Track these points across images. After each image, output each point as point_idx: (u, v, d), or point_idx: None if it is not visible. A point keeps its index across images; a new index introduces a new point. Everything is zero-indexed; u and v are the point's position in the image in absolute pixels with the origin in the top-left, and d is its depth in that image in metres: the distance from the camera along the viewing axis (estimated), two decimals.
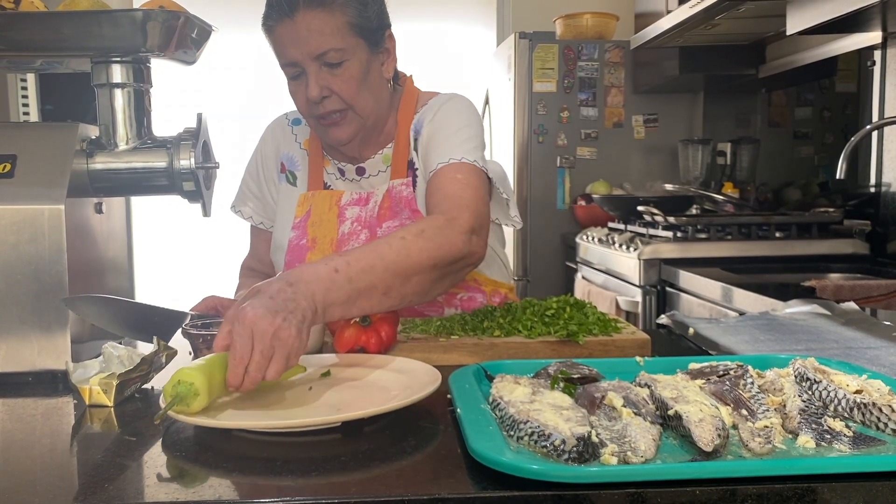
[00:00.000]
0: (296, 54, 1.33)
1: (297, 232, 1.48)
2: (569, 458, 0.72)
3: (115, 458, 0.82)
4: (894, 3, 1.91)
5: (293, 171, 1.55)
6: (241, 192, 1.61)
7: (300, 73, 1.36)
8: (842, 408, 0.85)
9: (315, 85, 1.34)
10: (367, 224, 1.45)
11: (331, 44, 1.32)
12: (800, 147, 3.34)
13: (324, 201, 1.49)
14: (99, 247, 1.25)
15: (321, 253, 1.45)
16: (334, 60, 1.33)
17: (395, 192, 1.45)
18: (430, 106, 1.48)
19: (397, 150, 1.47)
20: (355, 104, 1.38)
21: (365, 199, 1.48)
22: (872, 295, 1.83)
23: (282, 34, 1.33)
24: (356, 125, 1.41)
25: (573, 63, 3.63)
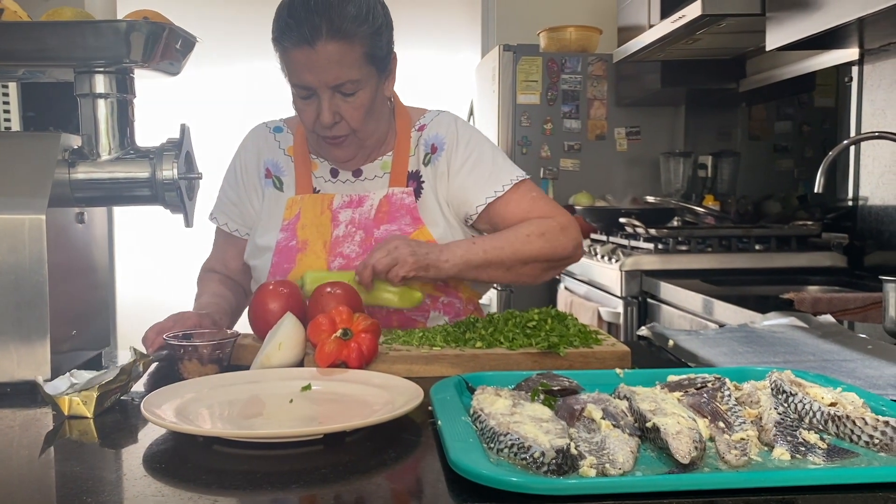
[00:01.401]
0: (312, 80, 1.37)
1: (286, 234, 1.50)
2: (548, 470, 0.73)
3: (94, 470, 0.82)
4: (871, 20, 1.94)
5: (279, 177, 1.57)
6: (219, 199, 1.63)
7: (311, 95, 1.40)
8: (816, 420, 0.86)
9: (328, 112, 1.39)
10: (362, 226, 1.49)
11: (348, 76, 1.37)
12: (780, 161, 3.38)
13: (315, 205, 1.51)
14: (80, 257, 1.24)
15: (313, 255, 1.47)
16: (349, 91, 1.39)
17: (396, 199, 1.50)
18: (440, 123, 1.56)
19: (397, 160, 1.53)
20: (359, 130, 1.44)
21: (358, 201, 1.51)
22: (849, 308, 1.85)
23: (299, 59, 1.36)
24: (357, 146, 1.48)
25: (557, 76, 3.66)
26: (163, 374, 1.20)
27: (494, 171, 1.53)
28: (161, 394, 0.99)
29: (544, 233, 1.47)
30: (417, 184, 1.52)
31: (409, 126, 1.56)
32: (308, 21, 1.33)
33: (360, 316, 1.15)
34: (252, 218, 1.59)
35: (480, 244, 1.43)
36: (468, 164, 1.53)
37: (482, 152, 1.54)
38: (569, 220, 1.53)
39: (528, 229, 1.47)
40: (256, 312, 1.27)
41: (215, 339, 1.17)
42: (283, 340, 1.14)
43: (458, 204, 1.53)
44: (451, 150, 1.53)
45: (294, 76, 1.39)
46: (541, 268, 1.49)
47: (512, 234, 1.46)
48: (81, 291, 1.25)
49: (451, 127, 1.55)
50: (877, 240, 2.42)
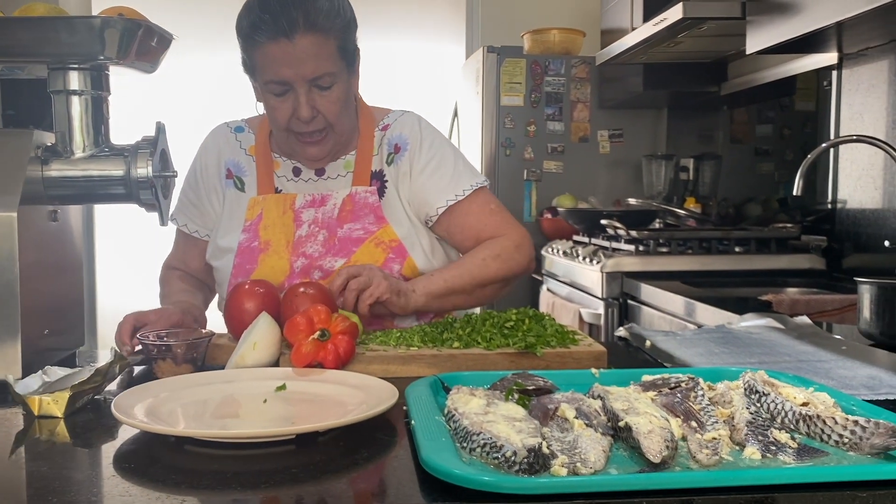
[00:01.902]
0: (289, 74, 1.36)
1: (248, 234, 1.49)
2: (519, 469, 0.73)
3: (63, 470, 0.81)
4: (848, 25, 1.96)
5: (240, 177, 1.55)
6: (179, 201, 1.61)
7: (287, 91, 1.39)
8: (788, 420, 0.86)
9: (306, 106, 1.39)
10: (325, 225, 1.49)
11: (325, 68, 1.38)
12: (761, 163, 3.40)
13: (277, 205, 1.51)
14: (53, 255, 1.23)
15: (275, 255, 1.47)
16: (325, 84, 1.39)
17: (359, 198, 1.49)
18: (403, 124, 1.55)
19: (360, 159, 1.52)
20: (336, 124, 1.44)
21: (321, 200, 1.51)
22: (827, 309, 1.87)
23: (275, 53, 1.36)
24: (332, 142, 1.48)
25: (540, 78, 3.67)
26: (140, 375, 1.19)
27: (455, 174, 1.54)
28: (133, 393, 0.98)
29: (499, 254, 1.50)
30: (381, 183, 1.52)
31: (373, 125, 1.56)
32: (285, 14, 1.33)
33: (339, 317, 1.15)
34: (212, 219, 1.57)
35: (439, 275, 1.45)
36: (431, 166, 1.53)
37: (444, 155, 1.55)
38: (521, 236, 1.55)
39: (484, 253, 1.49)
40: (232, 312, 1.26)
41: (190, 338, 1.16)
42: (258, 340, 1.14)
43: (419, 204, 1.53)
44: (413, 151, 1.53)
45: (269, 72, 1.38)
46: (498, 287, 1.53)
47: (468, 260, 1.50)
48: (55, 290, 1.23)
49: (414, 127, 1.55)
50: (854, 242, 2.44)
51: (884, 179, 2.32)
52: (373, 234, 1.47)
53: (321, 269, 1.46)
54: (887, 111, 2.30)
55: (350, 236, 1.47)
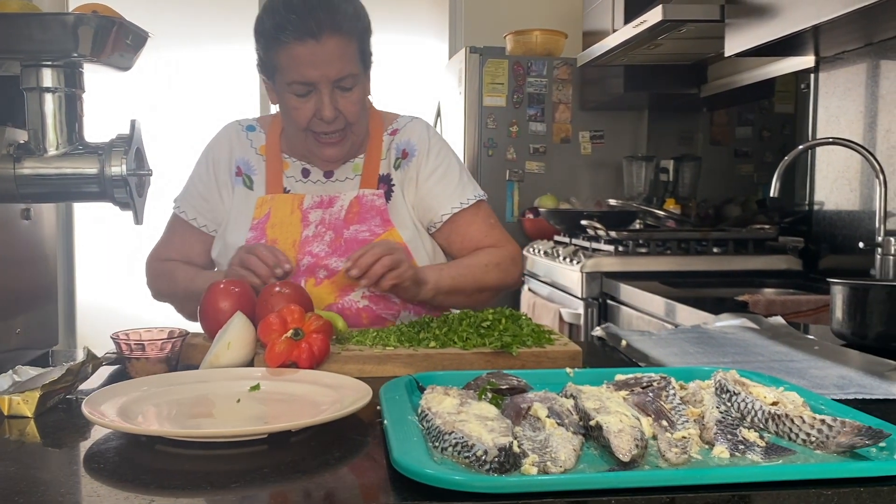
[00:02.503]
0: (315, 75, 1.39)
1: (256, 233, 1.51)
2: (490, 468, 0.73)
3: (30, 470, 0.80)
4: (825, 29, 1.98)
5: (250, 175, 1.57)
6: (188, 192, 1.61)
7: (310, 91, 1.41)
8: (757, 419, 0.87)
9: (330, 107, 1.42)
10: (331, 226, 1.50)
11: (349, 69, 1.41)
12: (740, 165, 3.43)
13: (285, 204, 1.52)
14: (26, 253, 1.22)
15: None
16: (348, 85, 1.43)
17: (367, 201, 1.52)
18: (412, 130, 1.59)
19: (369, 162, 1.56)
20: (354, 124, 1.47)
21: (328, 202, 1.53)
22: (802, 310, 1.89)
23: (301, 54, 1.38)
24: (349, 143, 1.51)
25: (522, 78, 3.68)
26: (113, 375, 1.18)
27: (461, 184, 1.58)
28: (106, 392, 0.97)
29: (499, 263, 1.55)
30: (388, 187, 1.55)
31: (382, 129, 1.59)
32: (312, 16, 1.36)
33: (312, 316, 1.15)
34: (220, 214, 1.58)
35: (447, 271, 1.49)
36: (437, 173, 1.56)
37: (451, 164, 1.59)
38: (517, 251, 1.62)
39: (486, 259, 1.54)
40: (207, 311, 1.25)
41: (164, 338, 1.15)
42: (233, 340, 1.13)
43: (424, 210, 1.56)
44: (421, 157, 1.56)
45: (293, 73, 1.40)
46: (491, 295, 1.57)
47: (472, 262, 1.53)
48: (27, 289, 1.22)
49: (423, 134, 1.59)
50: (830, 243, 2.47)
51: (859, 182, 2.34)
52: (378, 236, 1.49)
53: (326, 269, 1.48)
54: (863, 114, 2.33)
55: (356, 238, 1.49)
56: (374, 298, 1.49)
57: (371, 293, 1.48)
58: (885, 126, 2.23)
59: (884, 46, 2.23)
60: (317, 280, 1.48)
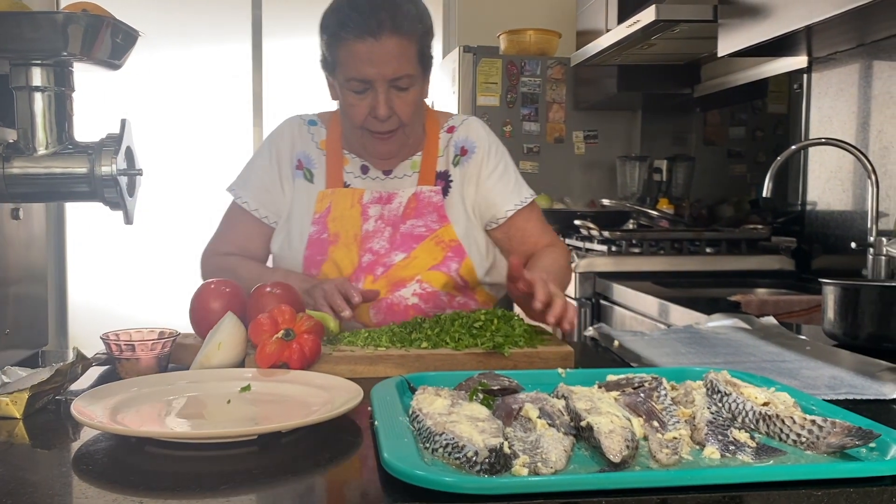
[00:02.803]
0: (372, 73, 1.41)
1: (318, 227, 1.53)
2: (480, 469, 0.73)
3: (18, 471, 0.79)
4: (817, 29, 1.99)
5: (310, 169, 1.59)
6: (249, 183, 1.61)
7: (367, 89, 1.44)
8: (748, 419, 0.87)
9: (384, 105, 1.43)
10: (390, 221, 1.53)
11: (406, 69, 1.43)
12: (733, 165, 3.44)
13: (345, 198, 1.54)
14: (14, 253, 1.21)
15: (344, 247, 1.51)
16: (404, 85, 1.44)
17: (424, 197, 1.55)
18: (469, 128, 1.61)
19: (426, 160, 1.58)
20: (408, 124, 1.49)
21: (387, 198, 1.55)
22: (794, 310, 1.89)
23: (360, 51, 1.40)
24: (401, 142, 1.53)
25: (516, 78, 3.68)
26: (103, 375, 1.17)
27: (518, 182, 1.63)
28: (95, 394, 0.97)
29: (566, 265, 1.62)
30: (445, 183, 1.58)
31: (438, 128, 1.61)
32: (373, 14, 1.38)
33: (303, 316, 1.14)
34: (281, 206, 1.59)
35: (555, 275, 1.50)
36: (498, 171, 1.60)
37: (508, 163, 1.64)
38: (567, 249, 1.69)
39: (564, 260, 1.61)
40: (197, 311, 1.25)
41: (154, 338, 1.15)
42: (224, 340, 1.13)
43: (486, 207, 1.60)
44: (482, 155, 1.59)
45: (351, 69, 1.42)
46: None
47: (554, 266, 1.55)
48: (16, 289, 1.22)
49: (481, 132, 1.62)
50: (823, 244, 2.47)
51: (852, 182, 2.35)
52: (434, 231, 1.52)
53: (385, 266, 1.50)
54: (856, 114, 2.34)
55: (412, 232, 1.52)
56: (424, 296, 1.50)
57: (423, 290, 1.50)
58: (878, 126, 2.24)
59: (876, 47, 2.23)
60: (375, 276, 1.50)
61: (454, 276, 1.51)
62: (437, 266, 1.50)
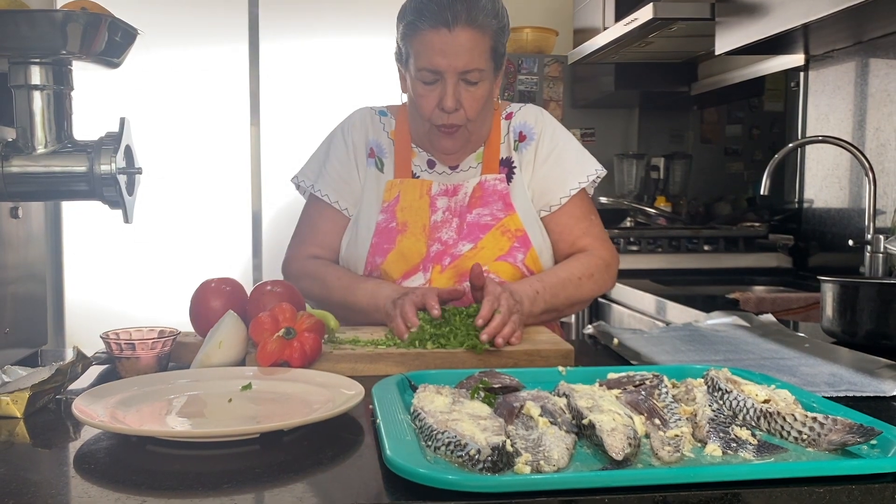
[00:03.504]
0: (443, 64, 1.41)
1: (386, 216, 1.53)
2: (483, 467, 0.73)
3: (20, 471, 0.79)
4: (814, 27, 1.99)
5: (381, 158, 1.59)
6: (324, 173, 1.59)
7: (437, 80, 1.44)
8: (749, 417, 0.87)
9: (452, 97, 1.44)
10: (457, 213, 1.53)
11: (477, 63, 1.42)
12: (730, 163, 3.45)
13: (414, 189, 1.55)
14: (14, 252, 1.21)
15: (412, 237, 1.51)
16: (474, 80, 1.44)
17: (489, 186, 1.55)
18: (528, 114, 1.59)
19: (489, 149, 1.58)
20: (474, 121, 1.49)
21: (453, 190, 1.56)
22: (792, 307, 1.89)
23: (433, 41, 1.41)
24: (465, 138, 1.53)
25: (513, 76, 3.67)
26: (103, 374, 1.17)
27: (577, 164, 1.58)
28: (96, 393, 0.97)
29: (593, 274, 1.52)
30: (509, 169, 1.57)
31: (500, 116, 1.61)
32: (449, 6, 1.40)
33: (304, 314, 1.14)
34: (359, 196, 1.58)
35: (542, 297, 1.42)
36: (553, 155, 1.57)
37: (566, 146, 1.59)
38: (611, 255, 1.58)
39: (580, 271, 1.50)
40: (198, 310, 1.25)
41: (154, 337, 1.15)
42: (224, 339, 1.13)
43: (541, 193, 1.57)
44: (539, 140, 1.58)
45: (423, 59, 1.43)
46: (584, 306, 1.59)
47: (565, 277, 1.48)
48: (15, 288, 1.21)
49: (539, 117, 1.60)
50: (820, 241, 2.48)
51: (849, 180, 2.36)
52: (500, 220, 1.52)
53: (452, 256, 1.50)
54: (852, 112, 2.34)
55: (478, 222, 1.52)
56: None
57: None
58: (875, 124, 2.24)
59: (873, 45, 2.24)
60: (442, 267, 1.50)
61: (520, 266, 1.50)
62: (504, 257, 1.50)
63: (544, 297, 1.43)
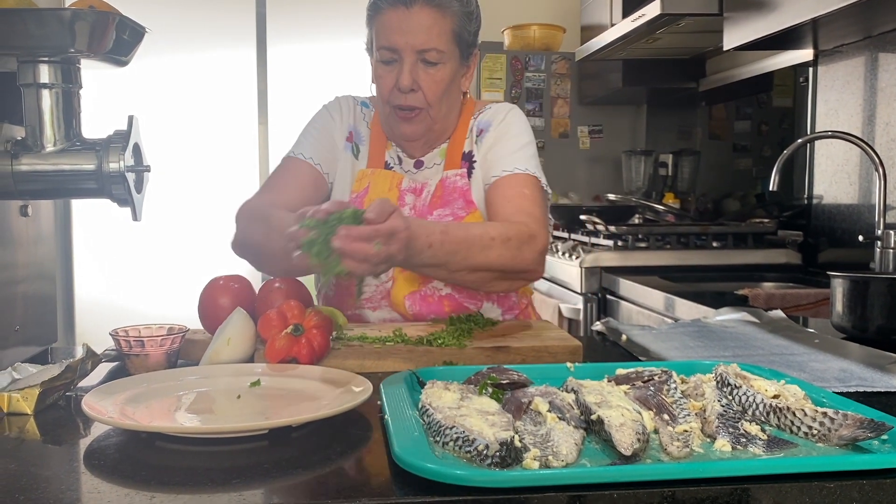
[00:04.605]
0: (400, 42, 1.41)
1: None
2: (491, 462, 0.73)
3: (31, 467, 0.80)
4: (824, 22, 1.98)
5: (358, 144, 1.59)
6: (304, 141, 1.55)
7: (395, 60, 1.43)
8: (759, 412, 0.87)
9: (408, 76, 1.42)
10: (419, 213, 1.51)
11: (435, 44, 1.41)
12: (739, 159, 3.43)
13: (384, 180, 1.54)
14: (23, 250, 1.21)
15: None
16: (432, 60, 1.42)
17: (450, 183, 1.52)
18: (496, 110, 1.57)
19: (453, 145, 1.56)
20: (433, 105, 1.46)
21: (419, 189, 1.54)
22: (801, 303, 1.89)
23: (391, 19, 1.41)
24: (426, 125, 1.49)
25: (520, 73, 3.67)
26: (113, 371, 1.18)
27: (521, 154, 1.50)
28: (105, 389, 0.97)
29: (510, 238, 1.32)
30: (469, 164, 1.54)
31: (471, 115, 1.58)
32: None
33: (312, 311, 1.14)
34: (334, 168, 1.56)
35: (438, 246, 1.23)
36: (501, 135, 1.53)
37: (518, 132, 1.53)
38: (541, 234, 1.40)
39: (496, 232, 1.32)
40: (206, 307, 1.25)
41: (163, 334, 1.15)
42: (233, 336, 1.13)
43: (484, 174, 1.52)
44: (492, 130, 1.54)
45: (382, 38, 1.43)
46: (490, 277, 1.34)
47: (477, 234, 1.30)
48: (25, 286, 1.22)
49: (500, 113, 1.56)
50: (829, 237, 2.47)
51: (858, 175, 2.34)
52: (461, 219, 1.49)
53: None
54: (862, 107, 2.33)
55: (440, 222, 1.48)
56: (458, 287, 1.47)
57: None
58: (885, 119, 2.23)
59: (883, 39, 2.22)
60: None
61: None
62: None
63: (436, 251, 1.23)
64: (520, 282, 1.44)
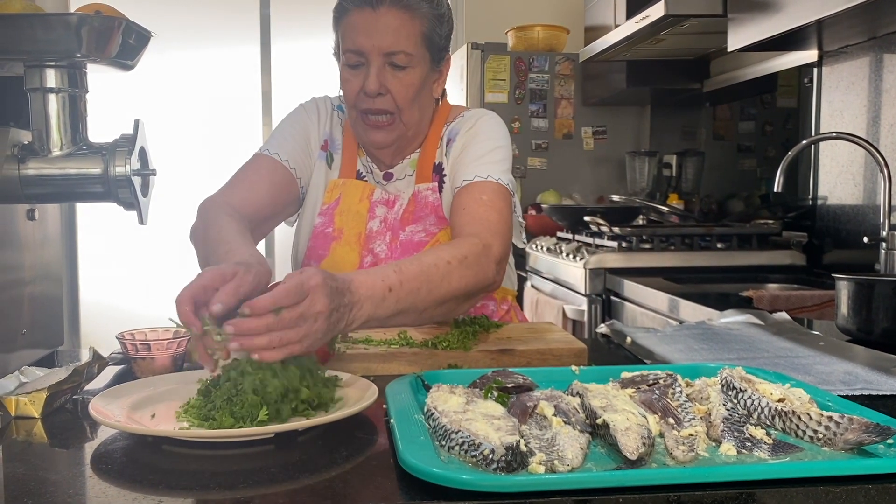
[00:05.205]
0: (366, 44, 1.36)
1: (324, 219, 1.49)
2: (497, 467, 0.73)
3: (38, 471, 0.80)
4: (828, 23, 1.98)
5: (332, 153, 1.55)
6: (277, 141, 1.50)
7: (361, 63, 1.39)
8: (764, 416, 0.87)
9: (375, 79, 1.37)
10: (391, 226, 1.48)
11: (403, 46, 1.37)
12: (743, 160, 3.43)
13: (356, 191, 1.51)
14: (30, 254, 1.22)
15: (347, 245, 1.46)
16: (400, 63, 1.38)
17: (421, 198, 1.49)
18: (466, 118, 1.51)
19: (424, 155, 1.51)
20: (404, 111, 1.41)
21: (391, 201, 1.51)
22: (806, 305, 1.88)
23: (357, 21, 1.37)
24: (398, 133, 1.44)
25: (524, 75, 3.67)
26: (119, 375, 1.18)
27: (485, 160, 1.43)
28: (112, 393, 0.97)
29: (466, 256, 1.22)
30: (440, 177, 1.50)
31: (444, 123, 1.53)
32: None
33: None
34: (307, 172, 1.52)
35: (395, 292, 1.10)
36: (467, 143, 1.47)
37: (485, 138, 1.46)
38: (498, 243, 1.31)
39: (450, 255, 1.21)
40: None
41: (170, 337, 1.15)
42: None
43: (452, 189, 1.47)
44: (459, 139, 1.48)
45: (348, 40, 1.39)
46: (458, 303, 1.25)
47: (431, 263, 1.18)
48: (31, 290, 1.22)
49: (469, 121, 1.50)
50: (834, 238, 2.46)
51: (863, 176, 2.34)
52: (434, 235, 1.46)
53: None
54: (867, 108, 2.33)
55: (412, 240, 1.46)
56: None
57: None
58: (889, 120, 2.23)
59: (887, 40, 2.22)
60: None
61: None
62: None
63: (398, 294, 1.10)
64: (480, 296, 1.33)
